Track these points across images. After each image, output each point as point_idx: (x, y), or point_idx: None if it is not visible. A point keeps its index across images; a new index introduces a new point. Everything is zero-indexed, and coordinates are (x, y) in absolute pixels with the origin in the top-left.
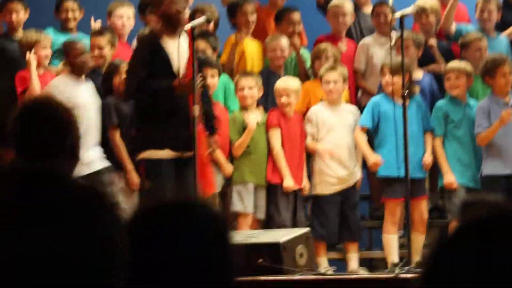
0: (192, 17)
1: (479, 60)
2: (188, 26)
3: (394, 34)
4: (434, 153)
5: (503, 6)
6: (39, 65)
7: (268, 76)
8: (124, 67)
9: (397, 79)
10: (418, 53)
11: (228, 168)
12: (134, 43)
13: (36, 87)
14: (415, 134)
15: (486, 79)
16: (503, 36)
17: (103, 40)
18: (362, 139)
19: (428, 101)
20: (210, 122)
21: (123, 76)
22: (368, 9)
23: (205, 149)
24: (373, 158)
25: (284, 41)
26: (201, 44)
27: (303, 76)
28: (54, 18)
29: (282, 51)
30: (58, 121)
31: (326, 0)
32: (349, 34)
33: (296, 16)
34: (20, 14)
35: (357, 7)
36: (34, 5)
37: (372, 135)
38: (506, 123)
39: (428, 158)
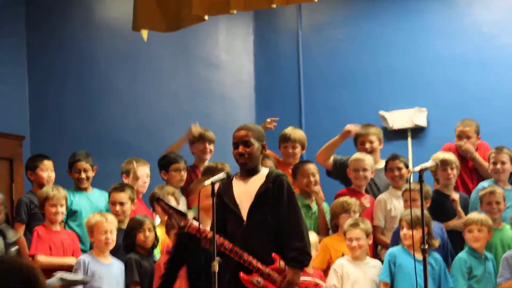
0: (208, 173)
1: (497, 213)
2: (208, 182)
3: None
4: None
5: None
6: (52, 221)
7: None
8: (148, 223)
9: (416, 233)
10: (426, 205)
11: None
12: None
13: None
14: None
15: None
16: None
17: (125, 196)
18: None
19: (440, 253)
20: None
21: (147, 232)
22: (380, 165)
23: None
24: None
25: None
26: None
27: (324, 229)
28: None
29: None
30: (25, 283)
31: (336, 165)
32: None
33: (311, 166)
34: (48, 173)
35: None
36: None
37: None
38: None
39: None
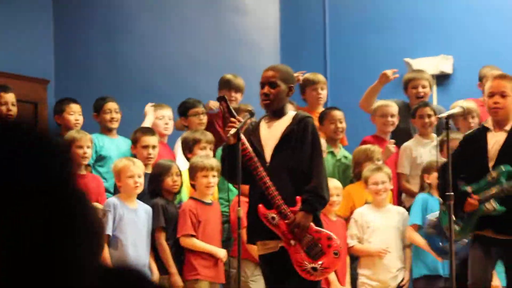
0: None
1: None
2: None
3: (435, 135)
4: None
5: None
6: (78, 163)
7: None
8: (175, 167)
9: None
10: None
11: None
12: (177, 144)
13: None
14: None
15: None
16: None
17: (155, 140)
18: (417, 237)
19: None
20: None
21: (174, 176)
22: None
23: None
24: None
25: None
26: None
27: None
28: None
29: None
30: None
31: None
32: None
33: (337, 113)
34: (75, 116)
35: None
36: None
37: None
38: None
39: None
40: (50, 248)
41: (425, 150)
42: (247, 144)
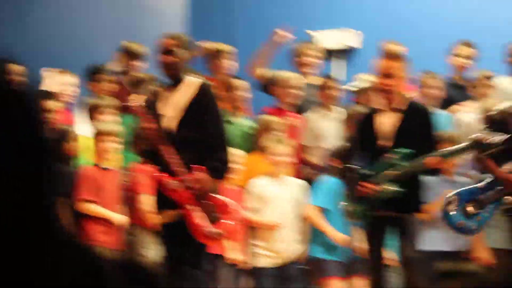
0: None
1: None
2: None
3: (338, 109)
4: None
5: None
6: None
7: None
8: (73, 132)
9: None
10: None
11: None
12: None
13: None
14: None
15: None
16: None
17: (54, 104)
18: (319, 217)
19: None
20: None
21: (72, 142)
22: (310, 81)
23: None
24: (341, 236)
25: None
26: None
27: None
28: None
29: None
30: None
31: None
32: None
33: (240, 83)
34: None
35: None
36: None
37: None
38: None
39: None
40: None
41: (326, 122)
42: (149, 116)
